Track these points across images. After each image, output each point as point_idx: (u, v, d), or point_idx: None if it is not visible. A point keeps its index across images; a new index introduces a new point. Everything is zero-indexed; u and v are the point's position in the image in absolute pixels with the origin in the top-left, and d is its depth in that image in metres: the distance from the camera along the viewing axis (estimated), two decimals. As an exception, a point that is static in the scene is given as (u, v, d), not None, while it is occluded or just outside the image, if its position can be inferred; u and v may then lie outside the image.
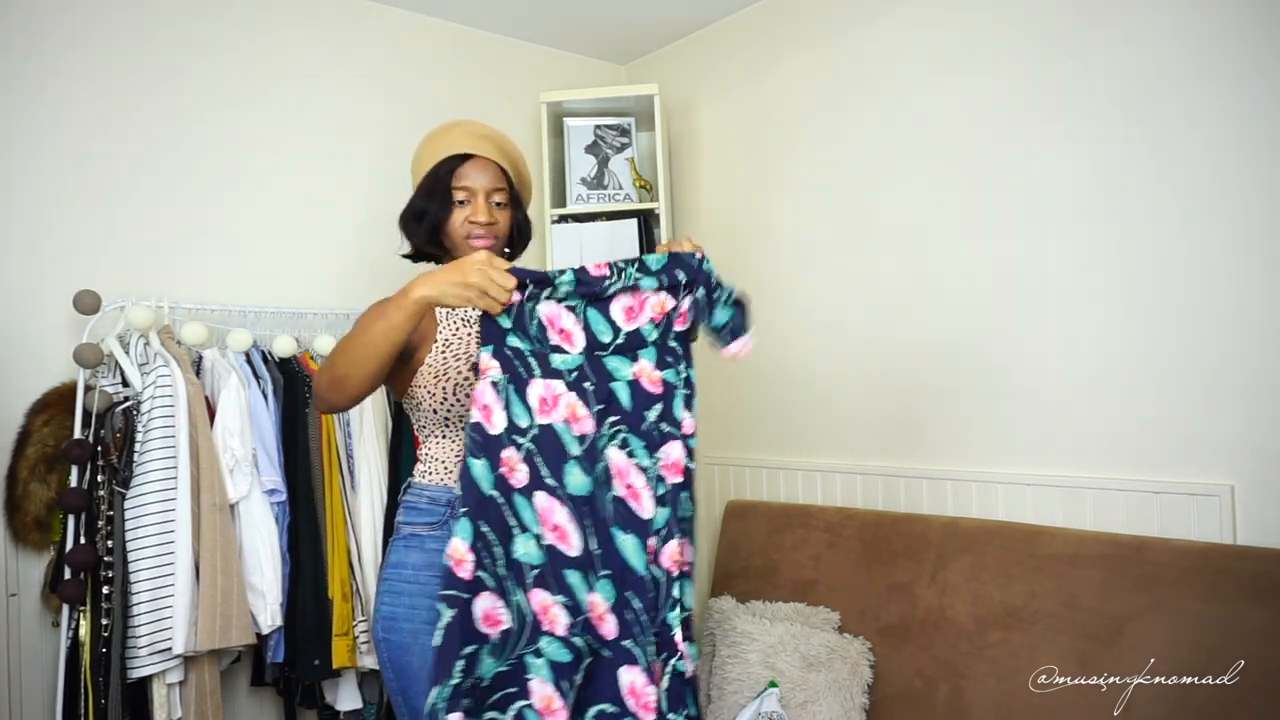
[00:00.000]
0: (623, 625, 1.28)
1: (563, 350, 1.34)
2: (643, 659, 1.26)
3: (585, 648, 1.28)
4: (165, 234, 2.34)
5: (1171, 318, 1.92)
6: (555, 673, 1.27)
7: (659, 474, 1.32)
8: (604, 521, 1.30)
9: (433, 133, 1.65)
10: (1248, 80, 1.81)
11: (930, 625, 2.08)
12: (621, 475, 1.31)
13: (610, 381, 1.34)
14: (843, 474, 2.55)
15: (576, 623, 1.28)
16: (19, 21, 2.17)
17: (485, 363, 1.32)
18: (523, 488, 1.30)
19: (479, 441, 1.30)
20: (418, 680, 1.44)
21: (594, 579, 1.29)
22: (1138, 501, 1.96)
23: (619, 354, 1.35)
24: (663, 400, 1.33)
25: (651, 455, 1.32)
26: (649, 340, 1.35)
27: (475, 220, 1.57)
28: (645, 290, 1.35)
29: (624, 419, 1.32)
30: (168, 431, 1.99)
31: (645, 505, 1.30)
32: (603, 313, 1.35)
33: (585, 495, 1.31)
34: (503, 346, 1.32)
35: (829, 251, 2.61)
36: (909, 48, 2.40)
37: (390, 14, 2.78)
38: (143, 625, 1.91)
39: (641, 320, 1.35)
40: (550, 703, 1.26)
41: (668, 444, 1.32)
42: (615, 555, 1.29)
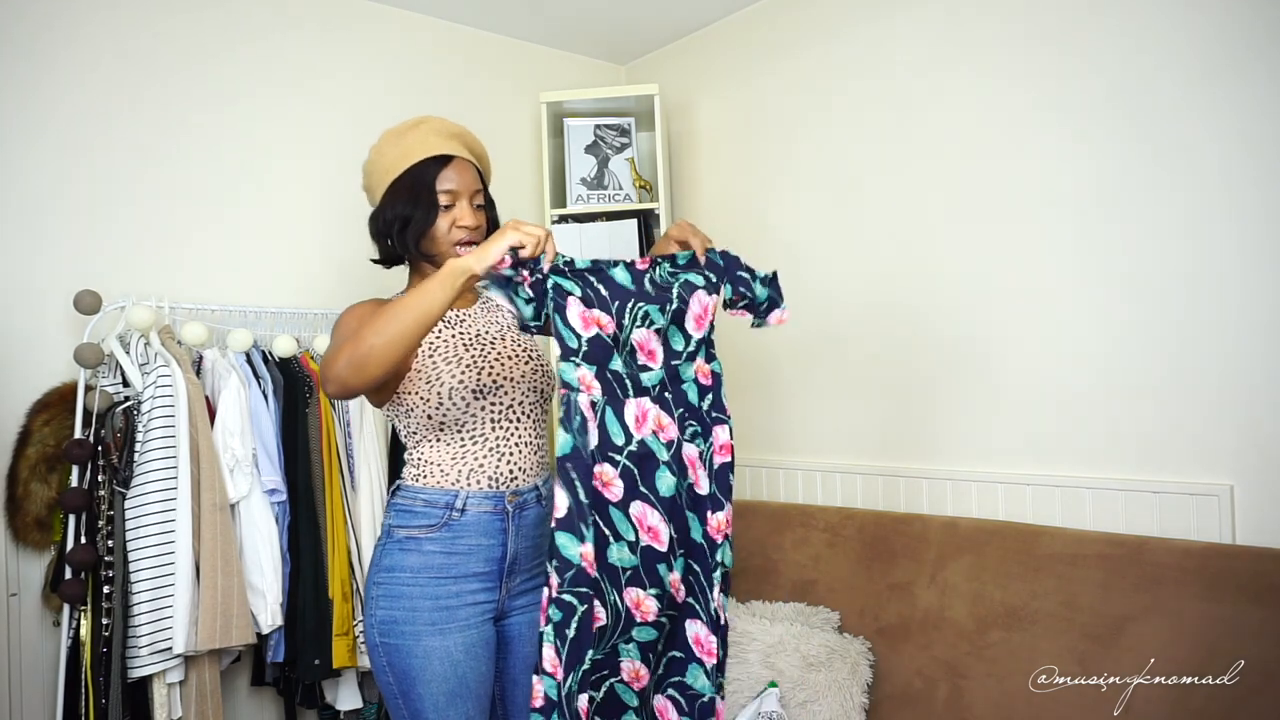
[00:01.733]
0: (688, 588, 1.46)
1: (648, 368, 1.45)
2: (703, 613, 1.45)
3: (667, 620, 1.45)
4: (165, 234, 2.34)
5: (1172, 318, 1.92)
6: (642, 650, 1.44)
7: (711, 456, 1.46)
8: (680, 509, 1.45)
9: (395, 132, 1.57)
10: (1249, 79, 1.81)
11: (930, 625, 2.08)
12: (693, 465, 1.45)
13: (682, 384, 1.46)
14: (843, 474, 2.55)
15: (663, 604, 1.44)
16: (18, 21, 2.17)
17: (589, 380, 1.40)
18: (618, 501, 1.41)
19: (590, 460, 1.40)
20: (421, 681, 1.44)
21: (674, 561, 1.44)
22: (1138, 501, 1.96)
23: (690, 360, 1.48)
24: (713, 390, 1.48)
25: (706, 440, 1.46)
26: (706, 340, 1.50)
27: (463, 224, 1.54)
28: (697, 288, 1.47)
29: (692, 414, 1.46)
30: (168, 431, 1.99)
31: (703, 485, 1.45)
32: (679, 325, 1.47)
33: (673, 495, 1.44)
34: (605, 370, 1.42)
35: (829, 251, 2.61)
36: (908, 48, 2.40)
37: (390, 14, 2.78)
38: (143, 625, 1.91)
39: (706, 325, 1.48)
40: (638, 673, 1.44)
41: (717, 428, 1.46)
42: (687, 535, 1.45)
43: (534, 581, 1.58)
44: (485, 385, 1.52)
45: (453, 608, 1.47)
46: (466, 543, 1.49)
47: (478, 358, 1.53)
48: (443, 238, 1.54)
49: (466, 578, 1.49)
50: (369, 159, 1.60)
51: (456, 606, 1.47)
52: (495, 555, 1.51)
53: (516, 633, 1.58)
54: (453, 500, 1.49)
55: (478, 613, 1.50)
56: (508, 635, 1.57)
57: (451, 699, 1.45)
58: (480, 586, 1.50)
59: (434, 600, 1.46)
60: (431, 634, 1.45)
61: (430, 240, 1.55)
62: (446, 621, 1.46)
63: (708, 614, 1.44)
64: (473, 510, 1.50)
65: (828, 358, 2.61)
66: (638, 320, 1.44)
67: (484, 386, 1.51)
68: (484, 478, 1.51)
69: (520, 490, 1.54)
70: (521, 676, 1.58)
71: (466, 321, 1.59)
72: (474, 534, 1.50)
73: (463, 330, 1.57)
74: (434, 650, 1.44)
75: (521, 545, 1.55)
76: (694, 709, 1.45)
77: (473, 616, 1.49)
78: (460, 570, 1.49)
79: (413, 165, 1.53)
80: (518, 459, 1.55)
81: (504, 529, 1.52)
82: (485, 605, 1.51)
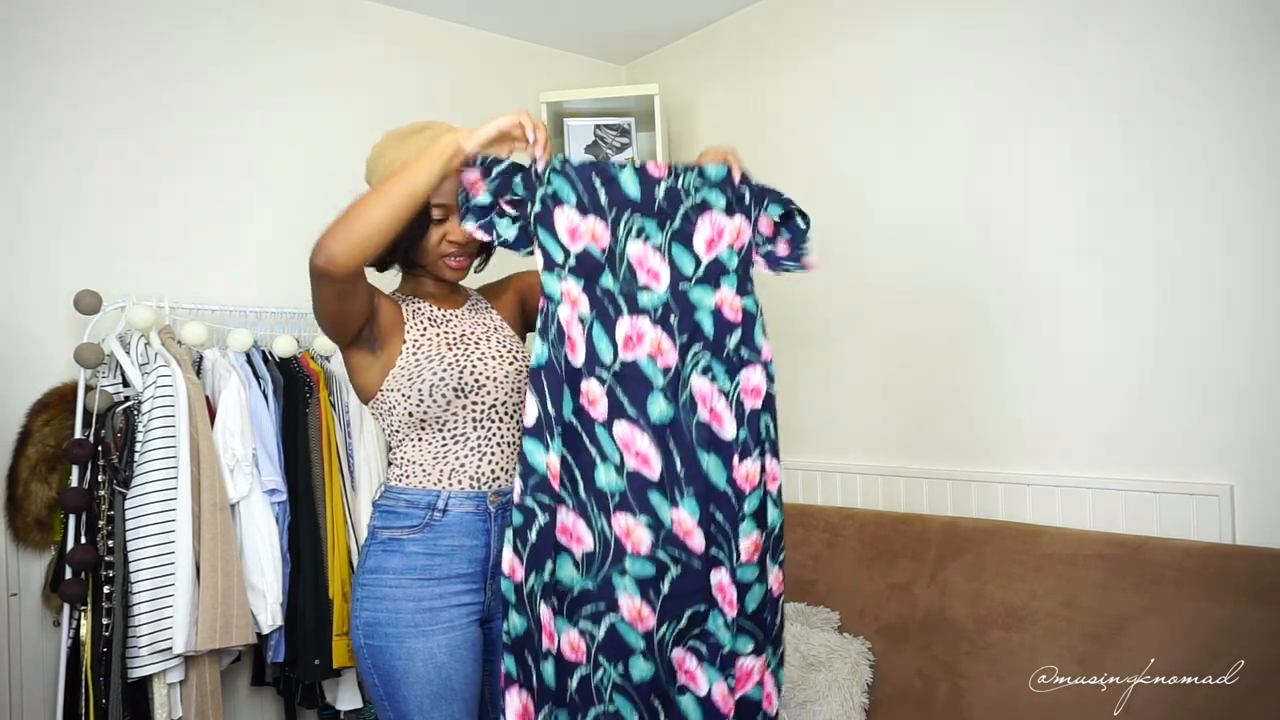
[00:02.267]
0: (709, 537, 1.36)
1: (650, 289, 1.39)
2: (728, 561, 1.36)
3: (669, 559, 1.36)
4: (165, 234, 2.34)
5: (1171, 318, 1.92)
6: (640, 586, 1.36)
7: (739, 398, 1.38)
8: (689, 445, 1.36)
9: (397, 135, 1.55)
10: (1247, 83, 1.81)
11: (930, 625, 2.08)
12: (705, 400, 1.37)
13: (695, 313, 1.39)
14: (842, 474, 2.55)
15: (659, 539, 1.36)
16: (20, 24, 2.17)
17: (575, 294, 1.38)
18: (604, 420, 1.37)
19: (571, 373, 1.38)
20: (405, 683, 1.43)
21: (679, 497, 1.36)
22: (1138, 501, 1.96)
23: (702, 284, 1.40)
24: (742, 327, 1.39)
25: (732, 380, 1.38)
26: (730, 268, 1.40)
27: (452, 240, 1.52)
28: (715, 209, 1.39)
29: (706, 346, 1.38)
30: (168, 431, 1.99)
31: (727, 427, 1.37)
32: (685, 245, 1.39)
33: (666, 423, 1.37)
34: (595, 285, 1.38)
35: (828, 252, 2.60)
36: (909, 49, 2.40)
37: (390, 14, 2.78)
38: (143, 625, 1.91)
39: (721, 248, 1.40)
40: (640, 612, 1.36)
41: (747, 369, 1.39)
42: (699, 475, 1.36)
43: None
44: (467, 384, 1.51)
45: (436, 609, 1.46)
46: (448, 543, 1.49)
47: (460, 357, 1.53)
48: (431, 249, 1.53)
49: (450, 579, 1.48)
50: (370, 156, 1.59)
51: (440, 608, 1.47)
52: (478, 556, 1.51)
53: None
54: (434, 500, 1.49)
55: (462, 614, 1.49)
56: (495, 637, 1.56)
57: (436, 701, 1.45)
58: (464, 588, 1.49)
59: (417, 601, 1.46)
60: (415, 635, 1.44)
61: (419, 251, 1.53)
62: (430, 623, 1.45)
63: (731, 564, 1.36)
64: (454, 510, 1.50)
65: (827, 358, 2.61)
66: (631, 233, 1.39)
67: (465, 385, 1.51)
68: (465, 477, 1.51)
69: (503, 490, 1.54)
70: None
71: (453, 322, 1.58)
72: (456, 534, 1.49)
73: (448, 330, 1.56)
74: (417, 652, 1.43)
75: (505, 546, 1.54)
76: (715, 658, 1.37)
77: (457, 618, 1.48)
78: (443, 571, 1.48)
79: None
80: (500, 459, 1.55)
81: (486, 529, 1.51)
82: (470, 607, 1.50)
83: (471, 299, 1.66)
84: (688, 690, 1.37)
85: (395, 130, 1.58)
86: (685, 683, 1.37)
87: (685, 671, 1.37)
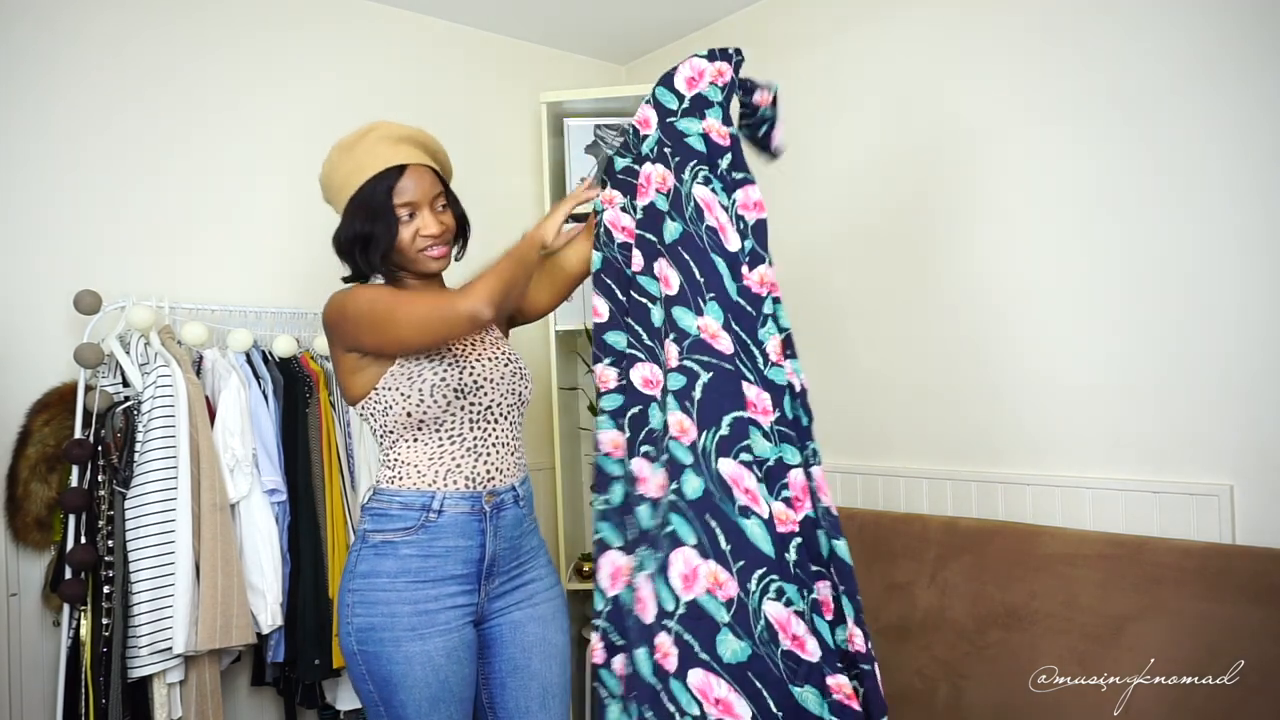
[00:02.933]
0: (734, 339, 1.42)
1: (646, 135, 1.55)
2: (753, 374, 1.42)
3: (697, 365, 1.40)
4: (165, 234, 2.34)
5: (1171, 318, 1.93)
6: (678, 399, 1.40)
7: (739, 213, 1.48)
8: (703, 251, 1.45)
9: (343, 146, 1.53)
10: (1249, 80, 1.81)
11: (930, 625, 2.08)
12: (709, 208, 1.47)
13: (685, 138, 1.51)
14: (843, 474, 2.56)
15: (685, 347, 1.42)
16: (19, 22, 2.17)
17: (609, 196, 1.60)
18: (641, 269, 1.53)
19: (627, 255, 1.57)
20: (402, 688, 1.43)
21: (702, 303, 1.43)
22: (1138, 501, 1.96)
23: (688, 115, 1.52)
24: (731, 151, 1.51)
25: (729, 196, 1.49)
26: (714, 101, 1.52)
27: (428, 234, 1.51)
28: (699, 56, 1.54)
29: (701, 161, 1.49)
30: (168, 431, 1.99)
31: (730, 238, 1.46)
32: (669, 88, 1.54)
33: (680, 237, 1.47)
34: (616, 176, 1.60)
35: (828, 252, 2.61)
36: (909, 48, 2.40)
37: (390, 14, 2.78)
38: (143, 625, 1.91)
39: (703, 85, 1.53)
40: (681, 425, 1.39)
41: (743, 188, 1.50)
42: (716, 278, 1.44)
43: (513, 584, 1.58)
44: (466, 384, 1.51)
45: (432, 611, 1.46)
46: (444, 545, 1.48)
47: (459, 356, 1.53)
48: (408, 248, 1.52)
49: (445, 580, 1.48)
50: (322, 173, 1.56)
51: (436, 610, 1.46)
52: (473, 557, 1.51)
53: (498, 635, 1.57)
54: (429, 501, 1.49)
55: (458, 616, 1.49)
56: (489, 638, 1.57)
57: (434, 704, 1.45)
58: (459, 589, 1.49)
59: (413, 605, 1.45)
60: (412, 639, 1.44)
61: (396, 253, 1.53)
62: (426, 626, 1.45)
63: (756, 374, 1.41)
64: (450, 511, 1.49)
65: (827, 357, 2.61)
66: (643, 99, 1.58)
67: (465, 385, 1.51)
68: (461, 478, 1.51)
69: (497, 490, 1.54)
70: (509, 680, 1.57)
71: None
72: (451, 535, 1.49)
73: None
74: (415, 655, 1.43)
75: (500, 546, 1.54)
76: (765, 474, 1.36)
77: (453, 620, 1.48)
78: (438, 573, 1.48)
79: (366, 181, 1.49)
80: (495, 459, 1.55)
81: (481, 529, 1.51)
82: (465, 608, 1.50)
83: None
84: (751, 512, 1.32)
85: (342, 140, 1.55)
86: (748, 503, 1.33)
87: (745, 491, 1.33)
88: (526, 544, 1.61)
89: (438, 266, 1.57)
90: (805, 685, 1.27)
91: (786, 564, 1.32)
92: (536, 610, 1.60)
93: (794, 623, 1.28)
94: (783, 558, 1.32)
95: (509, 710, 1.58)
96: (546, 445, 2.94)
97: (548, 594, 1.63)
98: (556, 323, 2.74)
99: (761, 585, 1.29)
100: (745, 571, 1.29)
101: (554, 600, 1.64)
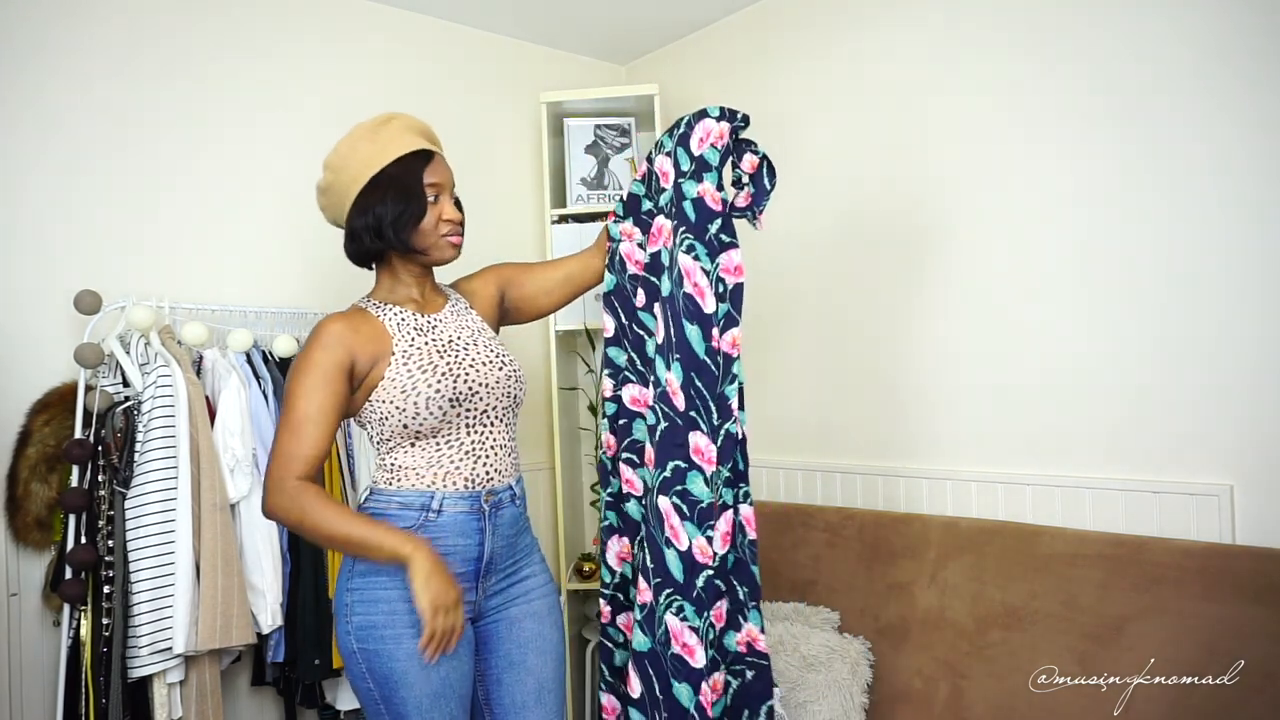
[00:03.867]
0: (688, 399, 1.57)
1: (664, 189, 1.66)
2: (705, 425, 1.57)
3: (660, 412, 1.60)
4: (165, 234, 2.34)
5: (1171, 318, 1.93)
6: (648, 433, 1.63)
7: (719, 276, 1.59)
8: (677, 314, 1.58)
9: (367, 127, 1.56)
10: (1244, 82, 1.81)
11: (930, 625, 2.08)
12: (689, 275, 1.58)
13: (683, 200, 1.61)
14: (843, 474, 2.56)
15: (656, 394, 1.61)
16: (22, 24, 2.17)
17: (628, 229, 1.74)
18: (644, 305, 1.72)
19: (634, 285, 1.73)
20: (404, 685, 1.43)
21: (670, 359, 1.59)
22: (1138, 501, 1.96)
23: (691, 178, 1.61)
24: (722, 216, 1.60)
25: (712, 260, 1.58)
26: (712, 165, 1.61)
27: (448, 218, 1.55)
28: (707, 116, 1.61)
29: (689, 229, 1.59)
30: (168, 431, 1.99)
31: (707, 301, 1.57)
32: (685, 148, 1.62)
33: (667, 296, 1.61)
34: (639, 213, 1.73)
35: (828, 251, 2.61)
36: (908, 49, 2.40)
37: (390, 14, 2.78)
38: (143, 625, 1.91)
39: (705, 147, 1.61)
40: (649, 456, 1.62)
41: (727, 252, 1.60)
42: (684, 342, 1.57)
43: (508, 581, 1.59)
44: (461, 393, 1.51)
45: None
46: (443, 544, 1.49)
47: (453, 365, 1.53)
48: (430, 230, 1.55)
49: None
50: (339, 152, 1.56)
51: None
52: (472, 555, 1.51)
53: (494, 632, 1.58)
54: (429, 501, 1.49)
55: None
56: (485, 635, 1.57)
57: (435, 700, 1.45)
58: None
59: (412, 603, 1.45)
60: (413, 637, 1.43)
61: (419, 234, 1.54)
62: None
63: (709, 425, 1.56)
64: (449, 510, 1.50)
65: (825, 358, 2.61)
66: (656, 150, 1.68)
67: (460, 394, 1.51)
68: (460, 479, 1.51)
69: (496, 490, 1.55)
70: (505, 676, 1.58)
71: (438, 327, 1.58)
72: (451, 534, 1.50)
73: (435, 336, 1.56)
74: (416, 653, 1.43)
75: (498, 544, 1.55)
76: (694, 513, 1.56)
77: None
78: None
79: (393, 160, 1.52)
80: (493, 461, 1.55)
81: (480, 528, 1.52)
82: (464, 606, 1.50)
83: (451, 299, 1.66)
84: (671, 544, 1.57)
85: (363, 123, 1.57)
86: (670, 536, 1.57)
87: (670, 527, 1.57)
88: (521, 542, 1.62)
89: (453, 254, 1.60)
90: (684, 683, 1.55)
91: (693, 588, 1.56)
92: (532, 607, 1.61)
93: (686, 634, 1.55)
94: (691, 583, 1.56)
95: (505, 706, 1.58)
96: (546, 445, 2.94)
97: (542, 590, 1.64)
98: (556, 323, 2.74)
99: (667, 601, 1.56)
100: (659, 588, 1.57)
101: (549, 597, 1.65)
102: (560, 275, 1.77)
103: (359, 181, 1.53)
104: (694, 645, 1.55)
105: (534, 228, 3.06)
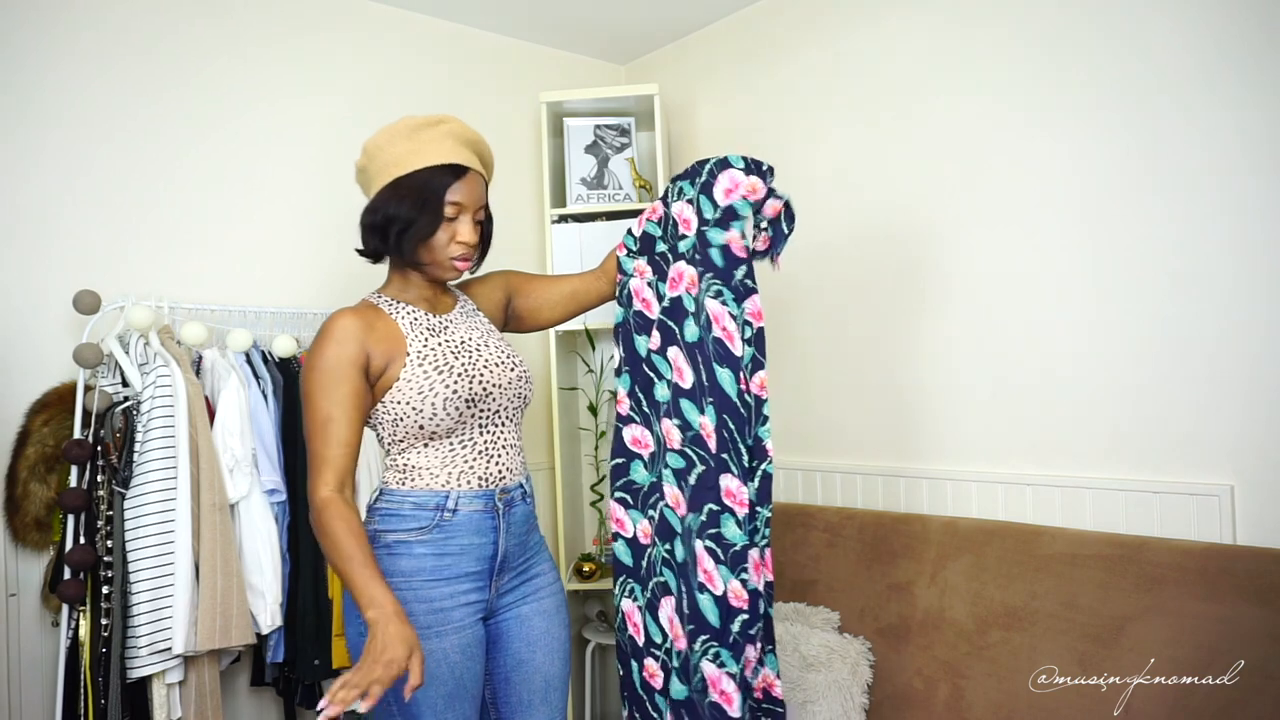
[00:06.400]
0: (720, 441, 1.59)
1: (685, 235, 1.67)
2: (736, 468, 1.58)
3: (695, 456, 1.62)
4: (165, 234, 2.34)
5: (1171, 317, 1.92)
6: (676, 476, 1.65)
7: (746, 320, 1.62)
8: (708, 359, 1.61)
9: (412, 124, 1.51)
10: (1244, 81, 1.81)
11: (930, 625, 2.08)
12: (718, 320, 1.61)
13: (710, 249, 1.63)
14: (843, 474, 2.55)
15: (687, 437, 1.63)
16: (21, 23, 2.17)
17: (641, 267, 1.72)
18: (658, 348, 1.70)
19: (641, 323, 1.72)
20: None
21: (704, 404, 1.61)
22: (1138, 501, 1.96)
23: (717, 226, 1.63)
24: (746, 263, 1.63)
25: (739, 305, 1.61)
26: (741, 215, 1.63)
27: (462, 240, 1.51)
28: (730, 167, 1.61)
29: (717, 275, 1.62)
30: (167, 431, 1.99)
31: (736, 345, 1.60)
32: (709, 196, 1.64)
33: (695, 342, 1.63)
34: (654, 254, 1.71)
35: (828, 251, 2.61)
36: (908, 48, 2.40)
37: (390, 14, 2.78)
38: (142, 625, 1.91)
39: (735, 198, 1.62)
40: (677, 499, 1.65)
41: (752, 296, 1.63)
42: (716, 386, 1.60)
43: (520, 579, 1.59)
44: (476, 394, 1.51)
45: (446, 609, 1.47)
46: (458, 543, 1.49)
47: (468, 366, 1.52)
48: (440, 249, 1.51)
49: (459, 578, 1.49)
50: (376, 141, 1.52)
51: (450, 608, 1.47)
52: (487, 554, 1.52)
53: (505, 630, 1.58)
54: (444, 501, 1.49)
55: (470, 612, 1.50)
56: (496, 634, 1.58)
57: (450, 701, 1.45)
58: (471, 586, 1.50)
59: (428, 603, 1.45)
60: (427, 637, 1.44)
61: (427, 249, 1.51)
62: (441, 624, 1.46)
63: (740, 467, 1.58)
64: (464, 510, 1.50)
65: (828, 357, 2.61)
66: (674, 195, 1.69)
67: (475, 395, 1.51)
68: (474, 478, 1.52)
69: (508, 488, 1.56)
70: (513, 674, 1.59)
71: (450, 328, 1.57)
72: (465, 533, 1.50)
73: (448, 337, 1.55)
74: (431, 654, 1.43)
75: (511, 542, 1.55)
76: (727, 556, 1.57)
77: (466, 617, 1.49)
78: (452, 571, 1.48)
79: (424, 168, 1.48)
80: (504, 459, 1.56)
81: (495, 526, 1.52)
82: (476, 605, 1.51)
83: (460, 301, 1.66)
84: (706, 589, 1.58)
85: (411, 118, 1.53)
86: (704, 581, 1.58)
87: (704, 571, 1.58)
88: (532, 539, 1.63)
89: (454, 277, 1.58)
90: None
91: (729, 633, 1.57)
92: (541, 604, 1.62)
93: (724, 681, 1.56)
94: (727, 628, 1.57)
95: (511, 705, 1.59)
96: (546, 445, 2.94)
97: (551, 588, 1.65)
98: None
99: (704, 648, 1.58)
100: (693, 634, 1.59)
101: (557, 594, 1.66)
102: (566, 290, 1.76)
103: (382, 178, 1.51)
104: (731, 693, 1.55)
105: (534, 227, 3.06)
